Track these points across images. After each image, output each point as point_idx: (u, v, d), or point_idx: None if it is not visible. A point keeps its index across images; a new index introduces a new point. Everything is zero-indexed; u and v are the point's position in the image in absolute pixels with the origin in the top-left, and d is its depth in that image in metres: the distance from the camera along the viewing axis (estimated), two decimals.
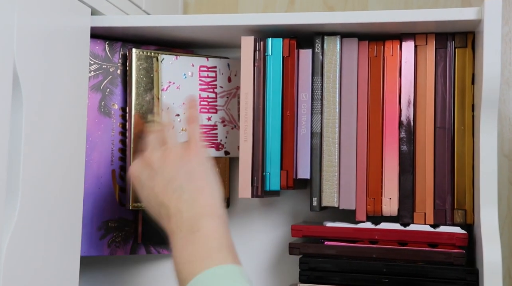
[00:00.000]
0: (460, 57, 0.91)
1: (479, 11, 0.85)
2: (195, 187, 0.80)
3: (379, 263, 0.87)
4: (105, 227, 0.96)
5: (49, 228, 0.78)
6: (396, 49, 0.92)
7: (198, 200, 0.79)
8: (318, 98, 0.92)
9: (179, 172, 0.81)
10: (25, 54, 0.72)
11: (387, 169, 0.91)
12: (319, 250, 0.90)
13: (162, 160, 0.83)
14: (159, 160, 0.83)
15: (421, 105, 0.91)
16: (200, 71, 1.00)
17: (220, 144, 1.00)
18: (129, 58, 0.96)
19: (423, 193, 0.90)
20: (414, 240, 0.88)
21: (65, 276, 0.82)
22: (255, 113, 0.92)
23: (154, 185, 0.81)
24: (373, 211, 0.91)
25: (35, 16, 0.75)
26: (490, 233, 0.83)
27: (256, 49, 0.92)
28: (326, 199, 0.92)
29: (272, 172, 0.92)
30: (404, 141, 0.91)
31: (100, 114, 0.96)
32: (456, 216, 0.90)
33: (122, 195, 0.98)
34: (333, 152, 0.92)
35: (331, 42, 0.92)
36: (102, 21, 0.92)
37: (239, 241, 1.06)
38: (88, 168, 0.94)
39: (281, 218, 1.06)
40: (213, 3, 1.19)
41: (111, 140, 0.97)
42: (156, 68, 0.96)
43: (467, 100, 0.91)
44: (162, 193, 0.80)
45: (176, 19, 0.94)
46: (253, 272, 1.05)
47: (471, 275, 0.84)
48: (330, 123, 0.92)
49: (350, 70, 0.92)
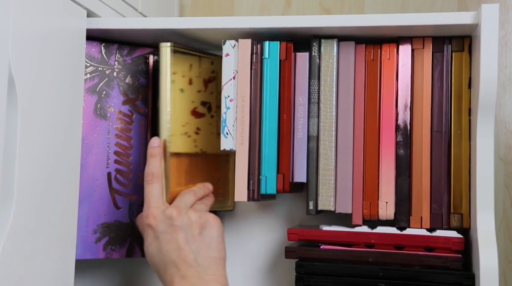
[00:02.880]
0: (457, 61, 0.91)
1: (476, 15, 0.85)
2: (210, 256, 0.85)
3: (375, 267, 0.87)
4: (100, 230, 0.96)
5: (44, 231, 0.77)
6: (393, 53, 0.92)
7: (209, 269, 0.84)
8: (315, 101, 0.92)
9: (198, 236, 0.86)
10: (21, 57, 0.72)
11: (384, 172, 0.91)
12: (315, 254, 0.90)
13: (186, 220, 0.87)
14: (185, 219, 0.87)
15: (417, 109, 0.91)
16: None
17: None
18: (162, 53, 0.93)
19: (420, 197, 0.90)
20: (410, 244, 0.88)
21: (60, 279, 0.82)
22: (251, 116, 0.92)
23: (170, 239, 0.86)
24: (370, 215, 0.91)
25: (31, 18, 0.74)
26: (486, 237, 0.82)
27: (253, 52, 0.92)
28: (323, 203, 0.91)
29: (268, 175, 0.92)
30: (401, 145, 0.91)
31: (96, 117, 0.96)
32: (452, 220, 0.90)
33: (118, 198, 0.97)
34: (330, 155, 0.91)
35: (328, 46, 0.92)
36: (98, 23, 0.92)
37: (235, 245, 1.06)
38: (83, 170, 0.93)
39: (277, 221, 1.05)
40: (209, 5, 1.18)
41: (107, 143, 0.96)
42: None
43: (464, 104, 0.91)
44: (177, 250, 0.85)
45: (172, 21, 0.94)
46: (249, 275, 1.05)
47: (468, 280, 0.84)
48: (327, 126, 0.92)
49: (347, 73, 0.92)
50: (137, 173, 0.99)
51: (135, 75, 0.99)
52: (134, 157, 0.99)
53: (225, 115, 0.92)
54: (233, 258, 1.05)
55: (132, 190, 0.98)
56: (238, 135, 0.92)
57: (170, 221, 0.86)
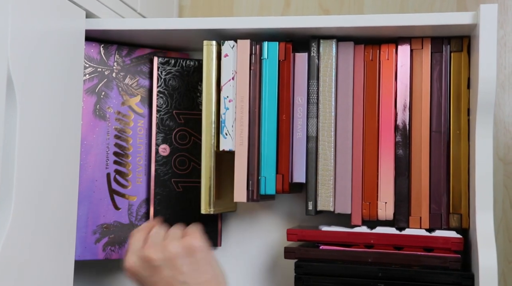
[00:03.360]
0: (455, 61, 0.91)
1: (475, 16, 0.85)
2: (201, 282, 0.82)
3: (375, 267, 0.87)
4: (100, 231, 0.96)
5: (43, 232, 0.77)
6: (392, 53, 0.92)
7: None
8: (314, 102, 0.92)
9: (183, 267, 0.82)
10: (19, 57, 0.72)
11: (383, 173, 0.91)
12: (315, 254, 0.90)
13: (164, 255, 0.82)
14: (161, 256, 0.82)
15: (416, 109, 0.91)
16: None
17: None
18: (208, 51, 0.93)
19: (419, 197, 0.90)
20: (409, 245, 0.88)
21: (59, 280, 0.82)
22: (250, 117, 0.92)
23: (158, 280, 0.82)
24: (369, 215, 0.91)
25: (30, 19, 0.74)
26: (485, 238, 0.82)
27: (252, 53, 0.92)
28: (322, 203, 0.91)
29: (267, 176, 0.92)
30: (400, 146, 0.91)
31: (95, 118, 0.96)
32: (451, 220, 0.90)
33: (117, 199, 0.97)
34: (329, 155, 0.91)
35: (327, 46, 0.92)
36: (97, 24, 0.92)
37: (235, 245, 1.06)
38: (83, 171, 0.93)
39: (277, 222, 1.05)
40: (208, 6, 1.18)
41: (106, 144, 0.96)
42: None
43: (463, 104, 0.91)
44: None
45: (172, 22, 0.94)
46: (249, 276, 1.05)
47: (467, 280, 0.84)
48: (326, 127, 0.92)
49: (346, 74, 0.92)
50: (136, 174, 0.99)
51: (134, 76, 0.99)
52: (133, 158, 0.99)
53: (224, 116, 0.92)
54: (232, 259, 1.06)
55: (131, 191, 0.98)
56: (237, 136, 0.92)
57: (149, 263, 0.83)
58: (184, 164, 1.00)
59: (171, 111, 1.00)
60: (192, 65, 1.01)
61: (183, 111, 1.01)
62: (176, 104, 1.00)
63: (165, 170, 0.99)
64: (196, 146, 1.01)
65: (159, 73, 0.99)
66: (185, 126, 1.01)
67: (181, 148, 1.00)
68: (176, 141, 1.00)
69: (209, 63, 0.92)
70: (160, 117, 0.99)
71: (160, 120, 0.99)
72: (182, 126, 1.00)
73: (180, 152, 1.00)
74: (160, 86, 0.99)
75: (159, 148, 0.99)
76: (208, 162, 0.92)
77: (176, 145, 1.00)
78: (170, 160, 1.00)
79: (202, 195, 0.92)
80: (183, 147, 1.00)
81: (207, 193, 0.92)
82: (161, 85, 0.99)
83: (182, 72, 1.01)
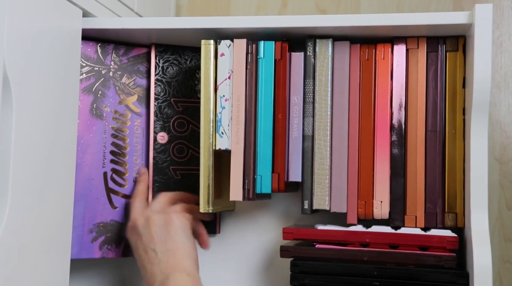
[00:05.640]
0: (451, 61, 0.91)
1: (470, 15, 0.86)
2: (167, 249, 0.89)
3: (370, 266, 0.87)
4: (96, 230, 0.96)
5: (39, 231, 0.78)
6: (387, 53, 0.92)
7: (168, 261, 0.88)
8: (310, 101, 0.93)
9: (155, 237, 0.91)
10: (16, 56, 0.72)
11: (379, 172, 0.91)
12: (310, 253, 0.90)
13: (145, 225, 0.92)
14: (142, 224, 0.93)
15: (412, 108, 0.91)
16: None
17: None
18: (205, 50, 0.93)
19: (414, 196, 0.91)
20: (405, 243, 0.88)
21: (55, 279, 0.82)
22: (246, 116, 0.92)
23: (139, 246, 0.92)
24: (364, 214, 0.91)
25: (26, 18, 0.74)
26: (480, 236, 0.83)
27: (248, 52, 0.92)
28: (318, 202, 0.92)
29: (263, 175, 0.92)
30: (396, 145, 0.91)
31: (92, 117, 0.96)
32: (447, 219, 0.90)
33: (114, 197, 0.97)
34: (325, 154, 0.92)
35: (323, 45, 0.92)
36: (94, 23, 0.92)
37: (231, 244, 1.06)
38: (79, 170, 0.93)
39: (273, 220, 1.06)
40: (205, 5, 1.19)
41: (103, 143, 0.97)
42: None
43: (458, 104, 0.91)
44: (143, 255, 0.91)
45: (169, 21, 0.94)
46: (244, 274, 1.05)
47: (462, 278, 0.85)
48: (322, 126, 0.92)
49: (342, 73, 0.93)
50: (133, 173, 0.99)
51: (131, 75, 1.00)
52: (130, 157, 0.99)
53: (220, 115, 0.92)
54: (228, 257, 1.06)
55: (128, 190, 0.99)
56: (233, 135, 0.92)
57: (135, 230, 0.93)
58: (182, 151, 1.00)
59: (169, 99, 1.00)
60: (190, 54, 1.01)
61: (181, 99, 1.01)
62: (174, 92, 1.00)
63: (163, 158, 0.99)
64: (194, 133, 1.01)
65: (157, 61, 0.99)
66: (183, 114, 1.01)
67: (179, 136, 1.00)
68: (175, 129, 1.00)
69: (207, 62, 0.92)
70: (158, 105, 0.99)
71: (158, 108, 0.99)
72: (180, 114, 1.01)
73: (178, 140, 1.00)
74: (158, 74, 0.99)
75: (157, 136, 0.99)
76: (207, 160, 0.92)
77: (175, 133, 1.00)
78: (168, 148, 1.00)
79: (201, 193, 0.92)
80: (182, 135, 1.01)
81: (206, 192, 0.93)
82: (159, 73, 0.99)
83: (180, 60, 1.01)
